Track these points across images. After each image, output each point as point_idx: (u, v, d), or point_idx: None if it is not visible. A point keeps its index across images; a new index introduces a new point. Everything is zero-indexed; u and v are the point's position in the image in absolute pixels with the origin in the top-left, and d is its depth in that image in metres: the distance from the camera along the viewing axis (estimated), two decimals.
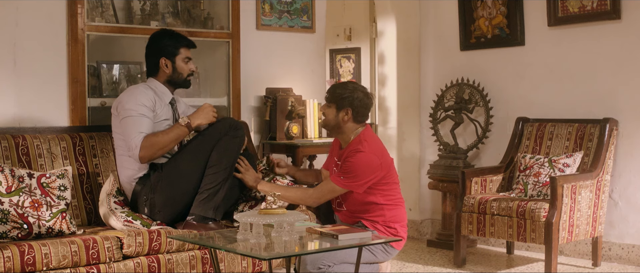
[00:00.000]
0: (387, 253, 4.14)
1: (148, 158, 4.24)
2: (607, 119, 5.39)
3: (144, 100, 4.28)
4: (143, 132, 4.22)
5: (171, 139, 4.29)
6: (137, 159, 4.23)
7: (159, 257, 4.02)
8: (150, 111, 4.29)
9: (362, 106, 4.17)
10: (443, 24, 6.55)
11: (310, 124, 5.67)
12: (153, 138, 4.23)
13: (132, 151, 4.22)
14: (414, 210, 6.67)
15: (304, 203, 4.27)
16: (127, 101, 4.27)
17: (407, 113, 6.72)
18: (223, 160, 4.25)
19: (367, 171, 4.05)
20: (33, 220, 3.88)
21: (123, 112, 4.27)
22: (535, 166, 5.33)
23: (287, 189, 4.31)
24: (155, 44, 4.47)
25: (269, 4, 5.72)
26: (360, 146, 4.09)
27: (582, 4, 5.61)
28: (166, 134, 4.28)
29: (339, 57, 8.80)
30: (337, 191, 4.13)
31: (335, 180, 4.10)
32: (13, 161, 4.25)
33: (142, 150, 4.20)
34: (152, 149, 4.22)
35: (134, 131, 4.22)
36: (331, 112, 4.19)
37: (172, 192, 4.26)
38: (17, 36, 4.60)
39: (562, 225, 4.98)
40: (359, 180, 4.05)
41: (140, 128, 4.23)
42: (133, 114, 4.24)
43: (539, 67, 5.96)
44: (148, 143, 4.21)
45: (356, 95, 4.15)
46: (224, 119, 4.42)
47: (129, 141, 4.23)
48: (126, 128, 4.25)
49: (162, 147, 4.25)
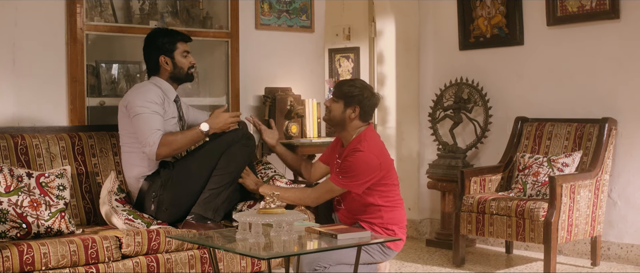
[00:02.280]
0: (385, 255, 4.13)
1: (164, 156, 4.28)
2: (606, 118, 5.39)
3: (154, 97, 4.32)
4: (160, 129, 4.26)
5: (188, 141, 4.34)
6: (152, 156, 4.26)
7: (158, 257, 4.02)
8: (161, 108, 4.33)
9: (370, 105, 4.17)
10: (442, 24, 6.55)
11: (309, 124, 5.66)
12: (171, 137, 4.27)
13: (149, 148, 4.24)
14: (413, 210, 6.67)
15: (302, 203, 4.27)
16: (138, 99, 4.29)
17: (406, 112, 6.72)
18: (230, 165, 4.29)
19: (365, 171, 4.04)
20: (32, 220, 3.88)
21: (134, 109, 4.28)
22: (534, 165, 5.33)
23: (286, 190, 4.31)
24: (151, 43, 4.50)
25: (268, 4, 5.72)
26: (360, 146, 4.08)
27: (581, 4, 5.61)
28: (184, 136, 4.32)
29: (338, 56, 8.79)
30: (335, 191, 4.13)
31: (334, 179, 4.10)
32: (12, 160, 4.25)
33: (160, 147, 4.23)
34: (169, 147, 4.26)
35: (150, 128, 4.25)
36: (338, 107, 4.17)
37: (180, 191, 4.29)
38: (16, 36, 4.59)
39: (561, 225, 4.98)
40: (357, 179, 4.04)
41: (155, 125, 4.26)
42: (146, 111, 4.26)
43: (538, 67, 5.96)
44: (166, 142, 4.25)
45: (366, 94, 4.15)
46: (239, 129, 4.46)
47: (145, 138, 4.25)
48: (140, 125, 4.27)
49: (179, 147, 4.30)
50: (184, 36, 4.55)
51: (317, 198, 4.19)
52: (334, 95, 4.20)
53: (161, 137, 4.24)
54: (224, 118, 4.40)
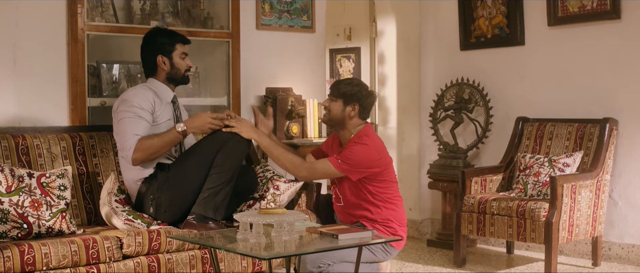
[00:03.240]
0: (387, 253, 4.15)
1: (140, 160, 4.22)
2: (607, 119, 5.39)
3: (141, 102, 4.26)
4: (138, 134, 4.21)
5: (165, 144, 4.25)
6: (129, 161, 4.22)
7: (159, 257, 4.02)
8: (148, 113, 4.27)
9: (368, 102, 4.22)
10: (443, 24, 6.55)
11: (310, 124, 5.67)
12: (148, 142, 4.21)
13: (126, 152, 4.21)
14: (414, 210, 6.67)
15: (294, 172, 4.21)
16: (125, 103, 4.26)
17: (407, 112, 6.72)
18: (227, 162, 4.25)
19: (365, 163, 4.08)
20: (33, 220, 3.88)
21: (120, 113, 4.26)
22: (535, 165, 5.33)
23: (283, 152, 4.24)
24: (150, 43, 4.46)
25: (269, 4, 5.72)
26: (363, 140, 4.12)
27: (582, 4, 5.61)
28: (160, 139, 4.25)
29: (339, 57, 8.80)
30: (330, 172, 4.12)
31: (333, 161, 4.09)
32: (13, 160, 4.25)
33: (136, 152, 4.18)
34: (146, 152, 4.20)
35: (129, 133, 4.20)
36: (337, 106, 4.19)
37: (178, 192, 4.26)
38: (17, 36, 4.60)
39: (562, 225, 4.98)
40: (356, 167, 4.07)
41: (135, 130, 4.21)
42: (129, 115, 4.22)
43: (539, 67, 5.96)
44: (142, 146, 4.19)
45: (363, 91, 4.19)
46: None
47: (124, 142, 4.22)
48: (122, 129, 4.24)
49: (155, 151, 4.23)
50: (184, 38, 4.52)
51: (311, 173, 4.17)
52: (332, 95, 4.22)
53: (137, 142, 4.19)
54: (203, 119, 4.31)
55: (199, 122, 4.32)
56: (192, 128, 4.31)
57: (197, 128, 4.32)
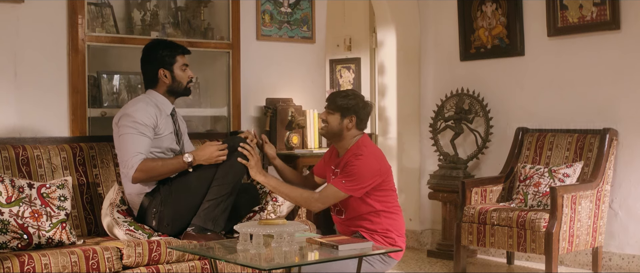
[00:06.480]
0: (385, 264, 4.13)
1: (140, 180, 4.21)
2: (607, 129, 5.39)
3: (144, 118, 4.24)
4: (142, 153, 4.19)
5: (168, 170, 4.24)
6: (129, 179, 4.20)
7: (159, 268, 4.02)
8: (150, 130, 4.25)
9: (365, 113, 4.22)
10: (443, 34, 6.56)
11: (310, 135, 5.67)
12: (151, 164, 4.19)
13: (127, 170, 4.19)
14: (414, 220, 6.66)
15: (307, 206, 4.24)
16: (128, 118, 4.23)
17: (407, 123, 6.72)
18: (228, 175, 4.24)
19: (368, 175, 4.06)
20: (33, 231, 3.88)
21: (122, 128, 4.24)
22: (535, 176, 5.33)
23: (292, 189, 4.24)
24: (151, 55, 4.44)
25: (269, 15, 5.73)
26: (360, 151, 4.12)
27: (582, 15, 5.62)
28: (165, 165, 4.22)
29: (339, 67, 8.81)
30: (340, 196, 4.12)
31: (338, 184, 4.09)
32: (13, 171, 4.25)
33: (137, 172, 4.17)
34: (148, 174, 4.19)
35: (132, 151, 4.18)
36: (335, 119, 4.20)
37: (180, 205, 4.24)
38: (17, 46, 4.60)
39: (562, 235, 4.98)
40: (360, 183, 4.05)
41: (138, 148, 4.19)
42: (132, 132, 4.21)
43: (538, 78, 5.96)
44: (145, 167, 4.17)
45: (360, 103, 4.20)
46: (235, 138, 4.35)
47: (126, 160, 4.20)
48: (123, 144, 4.23)
49: (158, 175, 4.22)
50: (184, 49, 4.51)
51: (323, 203, 4.16)
52: (329, 108, 4.23)
53: (141, 162, 4.17)
54: (210, 151, 4.25)
55: (206, 155, 4.26)
56: (199, 159, 4.26)
57: (205, 161, 4.26)
